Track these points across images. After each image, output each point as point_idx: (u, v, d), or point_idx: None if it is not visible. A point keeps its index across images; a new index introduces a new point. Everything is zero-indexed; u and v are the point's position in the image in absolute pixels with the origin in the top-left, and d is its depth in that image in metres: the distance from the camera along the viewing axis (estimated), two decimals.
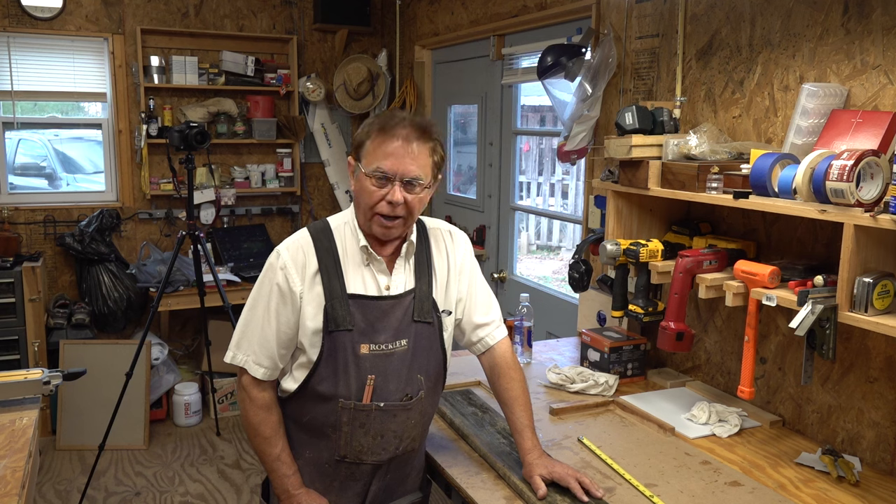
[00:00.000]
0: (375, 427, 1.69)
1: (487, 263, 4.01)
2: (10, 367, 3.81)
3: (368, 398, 1.67)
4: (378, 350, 1.67)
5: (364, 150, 1.65)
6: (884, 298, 1.60)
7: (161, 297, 3.75)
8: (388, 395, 1.69)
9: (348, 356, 1.65)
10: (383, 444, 1.71)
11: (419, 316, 1.72)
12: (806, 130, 1.89)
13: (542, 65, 2.88)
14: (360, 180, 1.65)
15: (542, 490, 1.65)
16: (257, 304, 1.69)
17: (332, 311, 1.64)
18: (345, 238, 1.71)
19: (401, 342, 1.69)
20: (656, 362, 2.57)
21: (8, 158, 4.56)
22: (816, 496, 1.72)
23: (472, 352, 1.92)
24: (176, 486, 3.73)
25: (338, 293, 1.65)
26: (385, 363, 1.68)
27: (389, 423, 1.70)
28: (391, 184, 1.61)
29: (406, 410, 1.71)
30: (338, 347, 1.65)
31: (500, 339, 1.88)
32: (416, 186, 1.63)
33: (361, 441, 1.70)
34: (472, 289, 1.85)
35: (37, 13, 4.31)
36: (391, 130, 1.62)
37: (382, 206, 1.62)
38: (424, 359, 1.74)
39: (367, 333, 1.66)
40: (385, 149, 1.61)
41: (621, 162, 2.27)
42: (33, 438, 1.82)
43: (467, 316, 1.85)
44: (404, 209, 1.63)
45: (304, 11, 4.96)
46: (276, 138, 4.86)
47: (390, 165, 1.61)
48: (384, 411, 1.68)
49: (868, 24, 1.84)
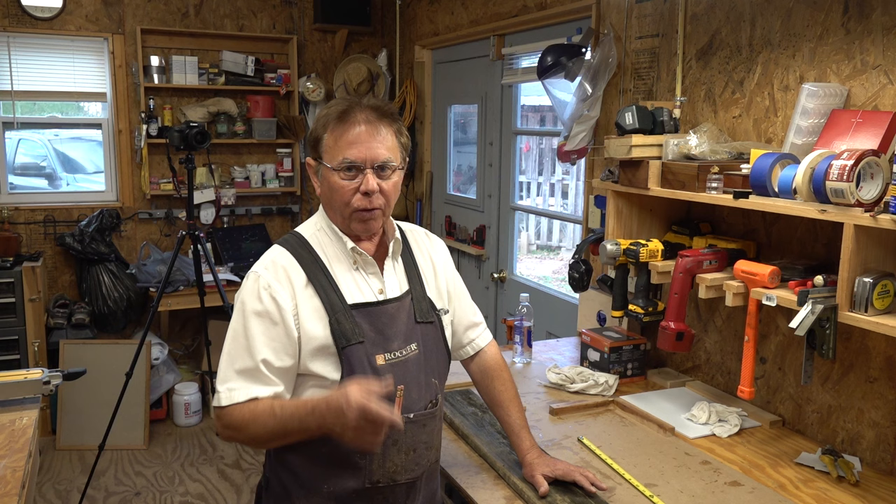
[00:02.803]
0: (408, 442, 1.55)
1: (487, 263, 4.02)
2: (10, 367, 3.80)
3: (399, 410, 1.50)
4: (394, 358, 1.55)
5: (324, 146, 1.53)
6: (884, 298, 1.60)
7: (161, 297, 3.75)
8: (413, 404, 1.55)
9: (367, 370, 1.50)
10: (416, 459, 1.58)
11: (421, 317, 1.62)
12: (806, 130, 1.89)
13: (542, 65, 2.88)
14: (328, 178, 1.52)
15: (545, 487, 1.64)
16: (238, 336, 1.50)
17: (339, 327, 1.50)
18: (324, 246, 1.57)
19: (411, 346, 1.58)
20: (656, 362, 2.57)
21: (8, 158, 4.56)
22: (816, 496, 1.72)
23: (457, 356, 1.80)
24: (176, 486, 3.73)
25: (339, 305, 1.51)
26: (403, 371, 1.55)
27: (420, 434, 1.57)
28: (362, 173, 1.49)
29: (433, 418, 1.60)
30: (354, 364, 1.50)
31: (489, 341, 1.82)
32: (387, 170, 1.52)
33: (395, 460, 1.55)
34: (456, 290, 1.76)
35: (37, 13, 4.31)
36: (349, 117, 1.50)
37: (358, 199, 1.50)
38: (435, 361, 1.64)
39: (378, 343, 1.54)
40: (347, 137, 1.49)
41: (621, 162, 2.27)
42: (33, 438, 1.82)
43: (455, 319, 1.76)
44: (381, 198, 1.52)
45: (304, 11, 4.96)
46: (276, 138, 4.86)
47: (357, 153, 1.48)
48: (414, 423, 1.55)
49: (868, 24, 1.84)
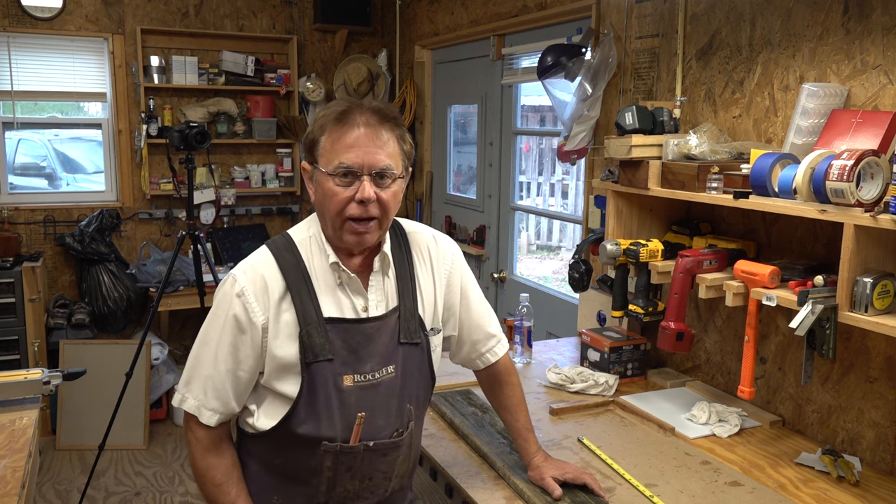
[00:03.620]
0: (363, 469, 1.48)
1: (487, 263, 4.02)
2: (10, 367, 3.80)
3: (356, 439, 1.45)
4: (364, 381, 1.46)
5: (320, 149, 1.42)
6: (884, 298, 1.60)
7: (161, 297, 3.74)
8: (377, 431, 1.47)
9: (330, 391, 1.43)
10: (371, 488, 1.51)
11: (406, 337, 1.51)
12: (806, 130, 1.89)
13: (542, 65, 2.89)
14: (322, 183, 1.42)
15: (559, 491, 1.62)
16: (209, 340, 1.46)
17: (309, 340, 1.42)
18: (311, 254, 1.49)
19: (388, 369, 1.49)
20: (656, 362, 2.56)
21: (8, 158, 4.56)
22: (816, 496, 1.72)
23: (468, 366, 1.75)
24: (176, 486, 3.72)
25: (313, 318, 1.43)
26: (372, 396, 1.47)
27: (378, 463, 1.49)
28: (358, 179, 1.39)
29: (396, 448, 1.51)
30: (318, 382, 1.42)
31: (502, 354, 1.72)
32: (387, 179, 1.41)
33: (347, 486, 1.48)
34: (466, 300, 1.66)
35: (37, 13, 4.31)
36: (349, 118, 1.40)
37: (352, 207, 1.40)
38: (413, 385, 1.54)
39: (349, 363, 1.45)
40: (346, 140, 1.39)
41: (621, 162, 2.27)
42: (33, 438, 1.82)
43: (465, 331, 1.68)
44: (377, 208, 1.41)
45: (304, 11, 4.96)
46: (276, 138, 4.86)
47: (355, 158, 1.38)
48: (373, 451, 1.48)
49: (868, 24, 1.84)
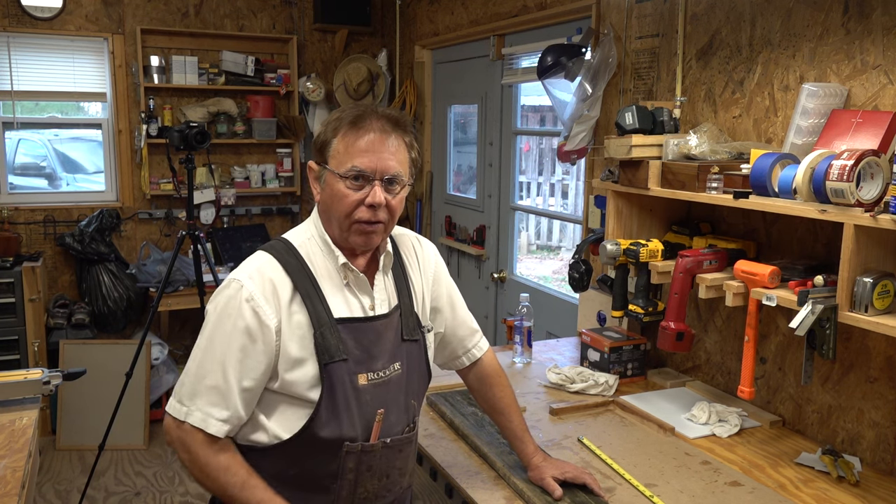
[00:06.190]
0: (382, 467, 1.50)
1: (487, 263, 4.02)
2: (10, 367, 3.80)
3: (376, 436, 1.48)
4: (377, 378, 1.48)
5: (332, 150, 1.44)
6: (884, 298, 1.60)
7: (161, 297, 3.74)
8: (391, 428, 1.50)
9: (348, 391, 1.44)
10: (388, 485, 1.53)
11: (408, 334, 1.55)
12: (806, 130, 1.89)
13: (542, 65, 2.88)
14: (332, 185, 1.44)
15: (560, 492, 1.63)
16: (214, 348, 1.41)
17: (323, 341, 1.42)
18: (313, 256, 1.48)
19: (395, 366, 1.52)
20: (656, 362, 2.56)
21: (8, 158, 4.56)
22: (816, 496, 1.72)
23: (452, 367, 1.77)
24: (176, 486, 3.73)
25: (325, 319, 1.44)
26: (384, 393, 1.49)
27: (395, 459, 1.52)
28: (370, 184, 1.42)
29: (409, 443, 1.55)
30: (336, 382, 1.43)
31: (486, 349, 1.77)
32: (396, 185, 1.44)
33: (367, 486, 1.50)
34: (451, 299, 1.70)
35: (37, 13, 4.31)
36: (363, 123, 1.42)
37: (361, 211, 1.42)
38: (416, 382, 1.58)
39: (362, 361, 1.47)
40: (359, 145, 1.41)
41: (621, 162, 2.27)
42: (33, 438, 1.82)
43: (451, 328, 1.70)
44: (386, 213, 1.44)
45: (304, 11, 4.96)
46: (276, 138, 4.86)
47: (368, 162, 1.41)
48: (390, 448, 1.50)
49: (868, 24, 1.84)
